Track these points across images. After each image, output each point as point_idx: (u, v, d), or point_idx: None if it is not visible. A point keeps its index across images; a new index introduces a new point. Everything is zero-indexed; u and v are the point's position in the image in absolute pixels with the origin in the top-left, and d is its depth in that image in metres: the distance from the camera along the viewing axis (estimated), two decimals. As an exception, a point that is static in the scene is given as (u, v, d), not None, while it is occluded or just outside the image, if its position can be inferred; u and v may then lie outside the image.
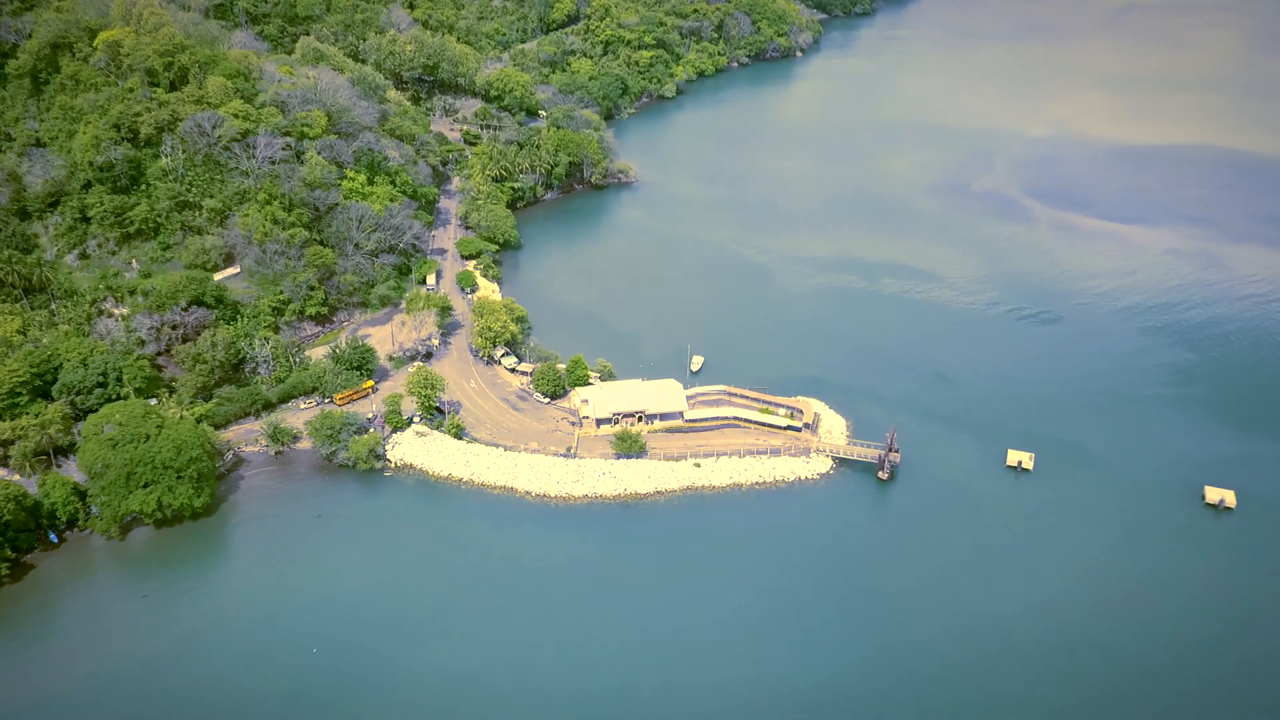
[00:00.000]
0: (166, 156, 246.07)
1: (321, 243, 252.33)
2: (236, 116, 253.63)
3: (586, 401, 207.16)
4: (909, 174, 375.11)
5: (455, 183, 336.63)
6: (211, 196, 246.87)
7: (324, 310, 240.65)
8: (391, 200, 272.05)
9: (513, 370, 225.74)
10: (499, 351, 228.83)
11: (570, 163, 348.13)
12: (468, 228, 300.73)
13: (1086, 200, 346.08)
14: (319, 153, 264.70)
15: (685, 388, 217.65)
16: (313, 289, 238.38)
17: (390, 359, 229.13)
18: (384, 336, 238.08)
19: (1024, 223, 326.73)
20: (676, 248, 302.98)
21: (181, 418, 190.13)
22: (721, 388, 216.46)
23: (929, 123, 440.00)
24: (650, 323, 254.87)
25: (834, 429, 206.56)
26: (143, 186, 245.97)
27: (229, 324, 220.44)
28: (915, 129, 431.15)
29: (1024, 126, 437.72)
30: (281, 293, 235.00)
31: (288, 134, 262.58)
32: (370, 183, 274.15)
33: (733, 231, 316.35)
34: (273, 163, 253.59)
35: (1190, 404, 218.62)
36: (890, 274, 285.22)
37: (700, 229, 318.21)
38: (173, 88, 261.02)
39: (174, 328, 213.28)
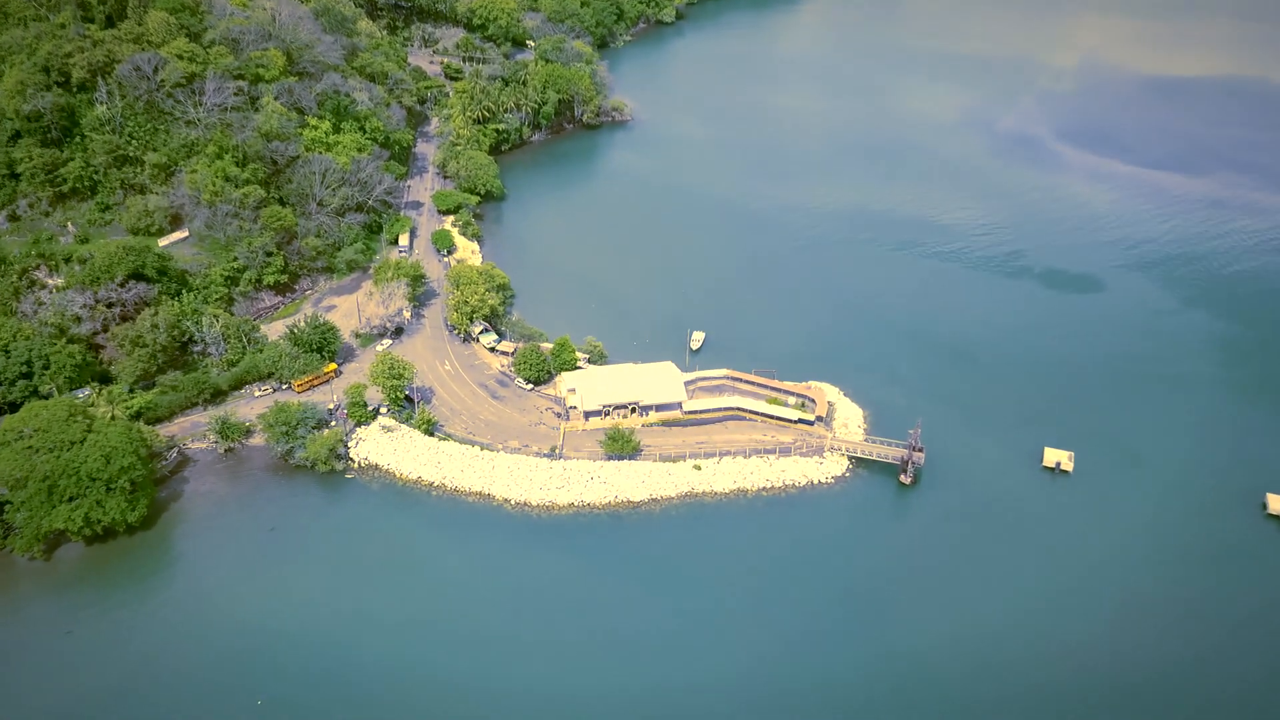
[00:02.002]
0: (102, 104, 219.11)
1: (281, 201, 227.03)
2: (181, 58, 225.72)
3: (573, 391, 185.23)
4: (926, 111, 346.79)
5: (434, 124, 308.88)
6: (154, 150, 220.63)
7: (284, 279, 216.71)
8: (360, 151, 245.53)
9: (492, 350, 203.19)
10: (477, 328, 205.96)
11: (560, 100, 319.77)
12: (446, 177, 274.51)
13: (1120, 143, 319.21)
14: (276, 98, 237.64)
15: (684, 370, 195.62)
16: (270, 255, 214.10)
17: (356, 336, 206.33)
18: (351, 308, 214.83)
19: (1053, 169, 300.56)
20: (674, 199, 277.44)
21: (113, 417, 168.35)
22: (724, 372, 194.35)
23: (947, 51, 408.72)
24: (646, 289, 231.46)
25: (850, 421, 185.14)
26: (77, 139, 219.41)
27: (174, 299, 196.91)
28: (932, 58, 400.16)
29: (1049, 56, 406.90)
30: (235, 259, 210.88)
31: (240, 77, 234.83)
32: (336, 131, 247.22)
33: (736, 179, 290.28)
34: (224, 111, 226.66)
35: (1243, 389, 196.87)
36: (907, 229, 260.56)
37: (701, 175, 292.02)
38: (109, 24, 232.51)
39: (110, 305, 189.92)
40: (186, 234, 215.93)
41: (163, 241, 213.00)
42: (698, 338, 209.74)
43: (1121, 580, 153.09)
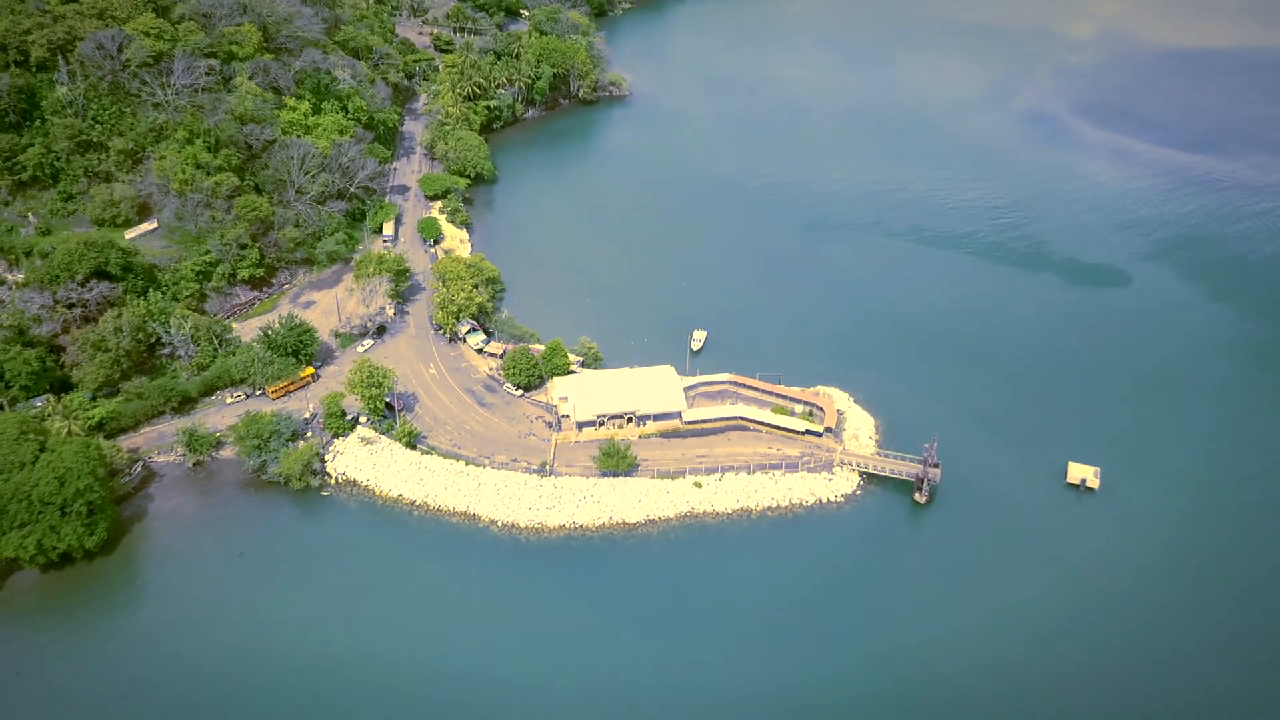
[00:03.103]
0: (63, 85, 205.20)
1: (256, 189, 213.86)
2: (147, 34, 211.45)
3: (566, 399, 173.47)
4: (938, 85, 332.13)
5: (423, 100, 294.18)
6: (120, 135, 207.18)
7: (260, 273, 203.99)
8: (341, 133, 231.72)
9: (480, 351, 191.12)
10: (464, 328, 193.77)
11: (555, 75, 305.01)
12: (434, 159, 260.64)
13: (1141, 120, 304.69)
14: (251, 77, 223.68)
15: (684, 374, 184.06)
16: (245, 247, 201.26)
17: (336, 336, 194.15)
18: (331, 304, 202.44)
19: (1072, 149, 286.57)
20: (675, 180, 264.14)
21: (70, 433, 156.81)
22: (727, 377, 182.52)
23: (959, 19, 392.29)
24: (644, 280, 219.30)
25: (861, 431, 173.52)
26: (37, 122, 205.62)
27: (140, 297, 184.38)
28: (944, 27, 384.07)
29: (1066, 26, 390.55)
30: (207, 253, 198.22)
31: (212, 55, 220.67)
32: (315, 112, 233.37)
33: (739, 158, 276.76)
34: (194, 92, 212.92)
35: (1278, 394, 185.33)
36: (918, 214, 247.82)
37: (703, 154, 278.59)
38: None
39: (70, 306, 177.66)
40: (155, 225, 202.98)
41: (129, 234, 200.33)
42: (699, 337, 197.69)
43: (1154, 612, 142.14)
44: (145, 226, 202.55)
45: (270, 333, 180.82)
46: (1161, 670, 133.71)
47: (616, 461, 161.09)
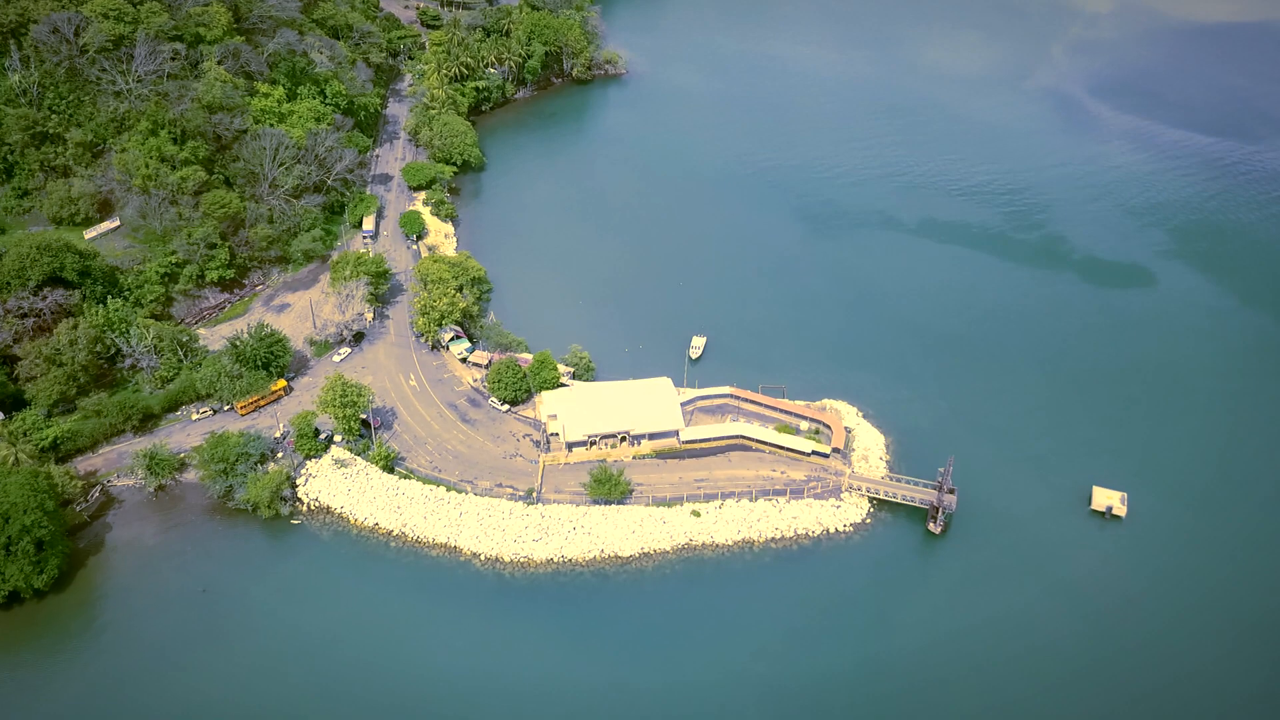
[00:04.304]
0: (15, 72, 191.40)
1: (227, 182, 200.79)
2: (107, 17, 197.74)
3: (555, 416, 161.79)
4: (948, 64, 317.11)
5: (408, 80, 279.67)
6: (78, 126, 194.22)
7: (230, 274, 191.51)
8: (318, 120, 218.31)
9: (464, 360, 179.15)
10: (447, 335, 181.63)
11: (547, 53, 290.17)
12: (419, 146, 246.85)
13: (1163, 101, 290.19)
14: (220, 62, 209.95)
15: (682, 384, 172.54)
16: (214, 246, 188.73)
17: (311, 344, 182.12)
18: (308, 307, 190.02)
19: (1091, 134, 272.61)
20: (672, 167, 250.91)
21: (17, 460, 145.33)
22: (727, 390, 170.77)
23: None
24: (640, 278, 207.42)
25: (870, 451, 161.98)
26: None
27: (100, 305, 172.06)
28: (954, 1, 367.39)
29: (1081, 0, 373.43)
30: (173, 253, 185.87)
31: (178, 38, 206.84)
32: (291, 98, 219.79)
33: (741, 143, 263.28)
34: (158, 79, 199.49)
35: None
36: (928, 204, 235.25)
37: (703, 139, 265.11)
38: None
39: (23, 315, 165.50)
40: (117, 224, 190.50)
41: (89, 233, 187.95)
42: (698, 344, 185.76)
43: (1188, 657, 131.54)
44: (106, 225, 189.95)
45: (239, 344, 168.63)
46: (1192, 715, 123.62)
47: (609, 489, 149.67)
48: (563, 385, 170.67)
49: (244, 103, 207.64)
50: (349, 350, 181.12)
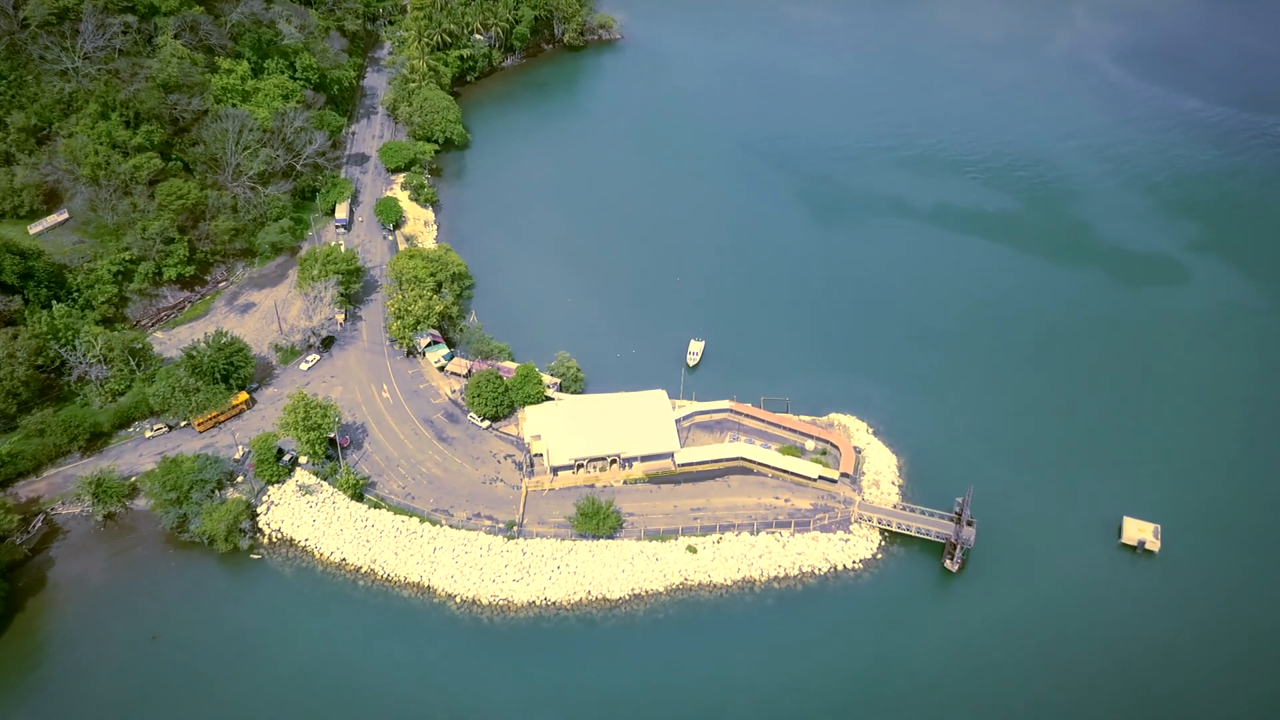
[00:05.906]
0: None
1: (186, 168, 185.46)
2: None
3: (539, 437, 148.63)
4: (964, 26, 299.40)
5: (388, 48, 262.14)
6: (20, 109, 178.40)
7: (190, 271, 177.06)
8: (286, 98, 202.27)
9: (441, 369, 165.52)
10: (424, 340, 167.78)
11: (536, 17, 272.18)
12: (398, 123, 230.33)
13: (1191, 69, 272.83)
14: (177, 36, 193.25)
15: (678, 396, 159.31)
16: (172, 241, 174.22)
17: (276, 349, 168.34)
18: (274, 306, 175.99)
19: (1116, 106, 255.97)
20: (669, 144, 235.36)
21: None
22: (727, 404, 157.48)
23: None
24: (634, 271, 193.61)
25: (882, 474, 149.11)
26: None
27: (44, 309, 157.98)
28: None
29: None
30: (127, 249, 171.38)
31: (129, 10, 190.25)
32: (256, 74, 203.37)
33: (743, 118, 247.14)
34: (108, 56, 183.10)
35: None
36: (943, 188, 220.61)
37: (702, 110, 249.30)
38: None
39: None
40: (65, 217, 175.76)
41: (34, 227, 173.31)
42: (695, 349, 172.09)
43: (1226, 711, 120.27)
44: (53, 218, 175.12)
45: (195, 355, 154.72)
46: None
47: (597, 524, 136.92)
48: (548, 399, 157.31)
49: (204, 80, 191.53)
50: (317, 357, 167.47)
